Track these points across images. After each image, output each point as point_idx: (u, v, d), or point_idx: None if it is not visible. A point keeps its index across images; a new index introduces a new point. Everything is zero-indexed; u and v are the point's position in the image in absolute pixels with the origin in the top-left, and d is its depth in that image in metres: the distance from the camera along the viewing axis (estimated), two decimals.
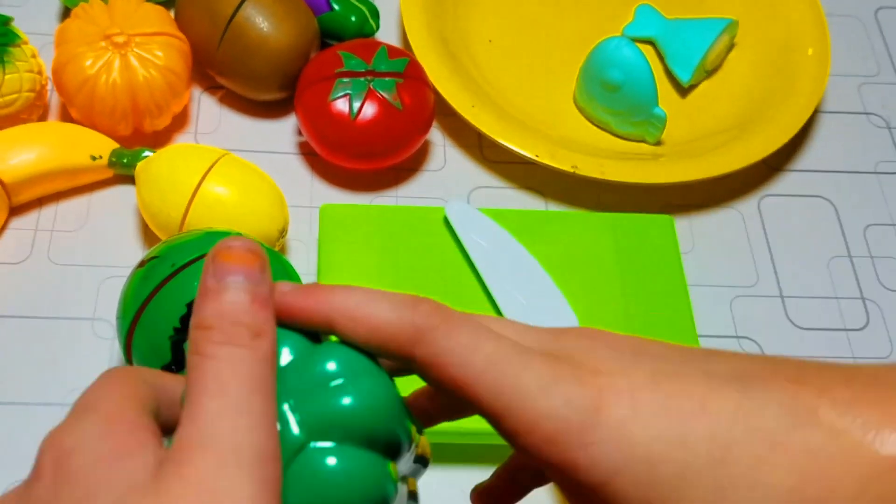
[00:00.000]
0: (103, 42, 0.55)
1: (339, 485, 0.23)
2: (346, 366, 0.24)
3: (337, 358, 0.24)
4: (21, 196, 0.55)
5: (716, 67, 0.67)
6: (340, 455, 0.23)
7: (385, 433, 0.24)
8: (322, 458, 0.23)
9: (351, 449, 0.23)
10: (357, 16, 0.62)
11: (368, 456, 0.24)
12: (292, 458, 0.23)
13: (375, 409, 0.24)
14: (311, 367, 0.24)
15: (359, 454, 0.23)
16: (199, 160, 0.51)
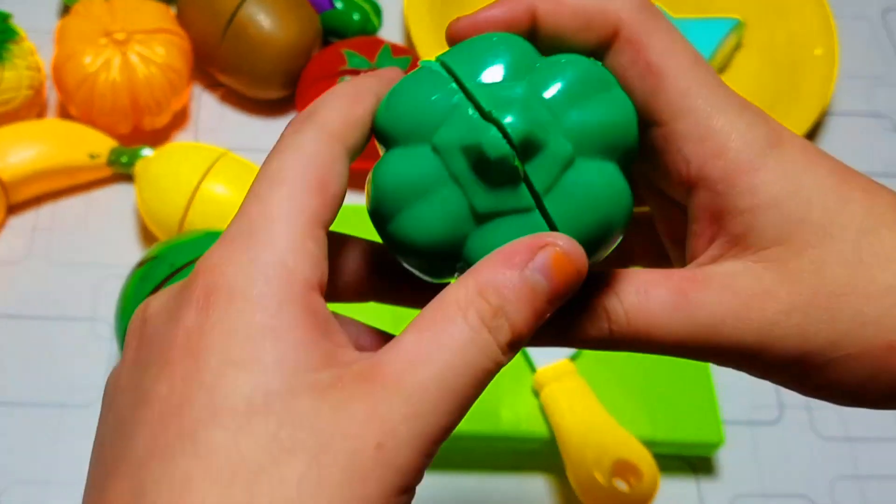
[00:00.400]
0: (103, 39, 0.54)
1: (609, 198, 0.22)
2: (590, 76, 0.23)
3: (577, 67, 0.23)
4: (19, 194, 0.54)
5: (722, 68, 0.66)
6: (607, 170, 0.22)
7: (634, 145, 0.23)
8: (591, 172, 0.22)
9: (611, 165, 0.22)
10: (360, 13, 0.62)
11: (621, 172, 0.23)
12: (560, 174, 0.22)
13: (632, 122, 0.23)
14: (559, 81, 0.22)
15: (618, 171, 0.22)
16: (198, 160, 0.50)
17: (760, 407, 0.52)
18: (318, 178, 0.22)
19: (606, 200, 0.22)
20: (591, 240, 0.22)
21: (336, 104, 0.23)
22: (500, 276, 0.20)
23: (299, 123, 0.23)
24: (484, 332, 0.20)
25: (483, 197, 0.22)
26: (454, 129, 0.22)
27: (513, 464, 0.49)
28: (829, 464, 0.51)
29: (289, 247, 0.21)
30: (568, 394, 0.46)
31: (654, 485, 0.43)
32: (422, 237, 0.22)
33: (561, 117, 0.22)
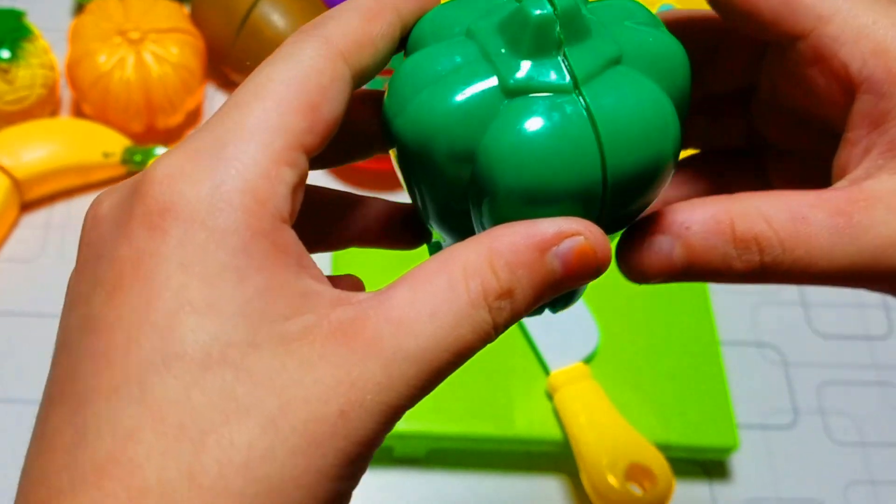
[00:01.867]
0: (117, 38, 0.54)
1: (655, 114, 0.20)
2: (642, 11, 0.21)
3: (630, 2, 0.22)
4: (33, 192, 0.54)
5: None
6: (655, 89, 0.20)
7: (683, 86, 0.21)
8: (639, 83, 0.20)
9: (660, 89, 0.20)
10: None
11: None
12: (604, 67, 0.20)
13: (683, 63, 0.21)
14: None
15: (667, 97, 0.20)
16: None
17: (775, 411, 0.52)
18: (309, 96, 0.19)
19: (652, 114, 0.19)
20: (634, 168, 0.19)
21: (348, 17, 0.21)
22: (520, 254, 0.18)
23: (303, 33, 0.20)
24: (483, 311, 0.18)
25: (515, 66, 0.19)
26: (494, 14, 0.20)
27: (526, 465, 0.49)
28: (843, 469, 0.50)
29: (261, 172, 0.18)
30: (582, 397, 0.45)
31: (668, 489, 0.43)
32: (437, 116, 0.19)
33: (611, 28, 0.20)
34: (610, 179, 0.19)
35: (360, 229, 0.25)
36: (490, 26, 0.20)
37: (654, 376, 0.48)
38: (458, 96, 0.19)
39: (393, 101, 0.20)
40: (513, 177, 0.19)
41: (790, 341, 0.55)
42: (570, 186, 0.19)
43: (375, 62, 0.21)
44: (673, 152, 0.20)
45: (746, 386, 0.52)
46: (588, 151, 0.19)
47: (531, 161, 0.19)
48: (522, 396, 0.46)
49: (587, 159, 0.19)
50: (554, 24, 0.19)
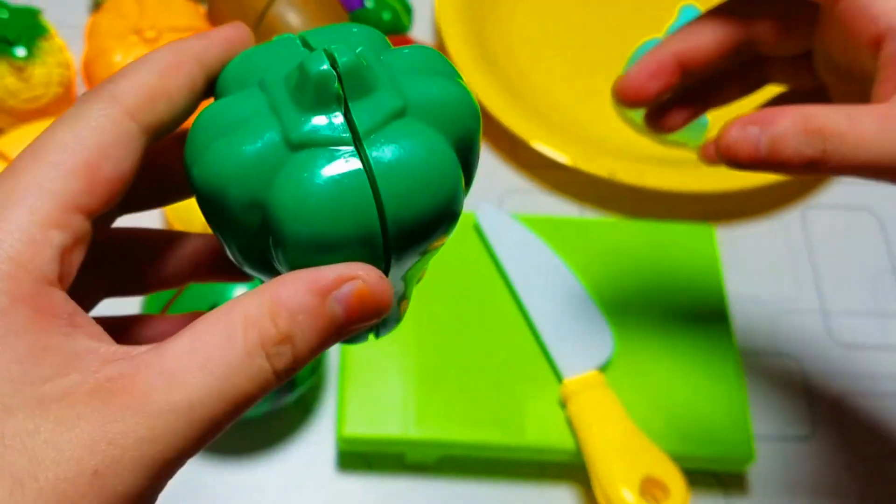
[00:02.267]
0: (133, 37, 0.54)
1: (438, 166, 0.20)
2: (435, 60, 0.22)
3: (424, 51, 0.22)
4: None
5: None
6: (439, 139, 0.21)
7: (470, 136, 0.22)
8: (422, 134, 0.20)
9: (445, 139, 0.21)
10: (390, 13, 0.61)
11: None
12: (387, 121, 0.20)
13: (471, 112, 0.22)
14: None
15: (450, 148, 0.21)
16: None
17: (792, 422, 0.51)
18: (89, 158, 0.19)
19: (432, 164, 0.20)
20: (415, 214, 0.20)
21: (141, 72, 0.21)
22: (301, 300, 0.19)
23: (91, 92, 0.20)
24: (259, 359, 0.18)
25: (298, 121, 0.20)
26: (284, 66, 0.21)
27: (538, 473, 0.48)
28: (861, 481, 0.49)
29: (25, 237, 0.18)
30: (596, 406, 0.45)
31: (683, 502, 0.42)
32: (227, 166, 0.20)
33: (398, 79, 0.21)
34: (391, 227, 0.20)
35: (185, 267, 0.25)
36: (279, 79, 0.21)
37: (670, 386, 0.48)
38: (246, 148, 0.20)
39: (190, 151, 0.21)
40: (297, 226, 0.19)
41: (809, 351, 0.54)
42: (350, 235, 0.20)
43: (172, 115, 0.21)
44: (452, 198, 0.21)
45: (764, 397, 0.51)
46: (365, 202, 0.19)
47: (312, 212, 0.19)
48: (534, 404, 0.46)
49: (365, 210, 0.20)
50: (333, 81, 0.20)
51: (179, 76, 0.21)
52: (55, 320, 0.18)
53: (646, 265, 0.52)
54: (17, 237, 0.18)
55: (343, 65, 0.20)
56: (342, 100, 0.20)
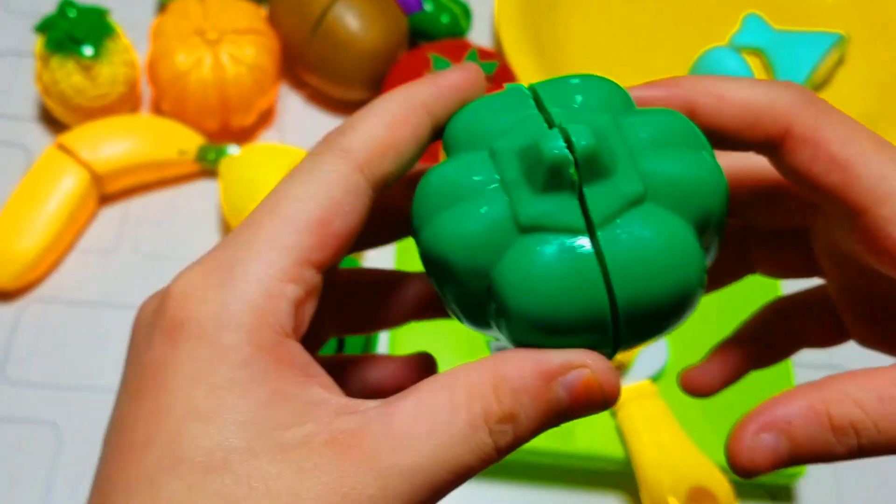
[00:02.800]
0: (196, 38, 0.55)
1: (677, 258, 0.20)
2: (684, 130, 0.21)
3: (672, 118, 0.21)
4: (111, 186, 0.55)
5: (823, 83, 0.64)
6: (679, 226, 0.20)
7: (718, 214, 0.21)
8: (662, 222, 0.20)
9: (686, 224, 0.20)
10: (448, 16, 0.61)
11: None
12: (623, 209, 0.19)
13: (720, 189, 0.21)
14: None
15: (692, 234, 0.20)
16: (280, 161, 0.51)
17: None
18: (321, 215, 0.20)
19: (669, 254, 0.19)
20: (648, 304, 0.19)
21: (370, 124, 0.21)
22: (526, 380, 0.19)
23: (323, 144, 0.21)
24: (483, 433, 0.19)
25: (529, 203, 0.19)
26: (517, 135, 0.20)
27: (586, 480, 0.48)
28: None
29: (264, 291, 0.20)
30: (646, 415, 0.44)
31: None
32: (455, 238, 0.20)
33: (639, 158, 0.20)
34: (623, 316, 0.19)
35: (408, 307, 0.26)
36: (510, 151, 0.20)
37: (722, 396, 0.46)
38: (474, 224, 0.20)
39: (418, 213, 0.21)
40: (523, 307, 0.19)
41: (864, 361, 0.53)
42: (578, 321, 0.19)
43: (400, 167, 0.22)
44: (690, 289, 0.20)
45: None
46: (596, 290, 0.19)
47: (539, 295, 0.19)
48: None
49: (595, 298, 0.19)
50: (569, 166, 0.19)
51: (408, 128, 0.21)
52: (292, 370, 0.19)
53: None
54: (259, 291, 0.19)
55: (581, 149, 0.19)
56: (576, 185, 0.19)
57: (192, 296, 0.20)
